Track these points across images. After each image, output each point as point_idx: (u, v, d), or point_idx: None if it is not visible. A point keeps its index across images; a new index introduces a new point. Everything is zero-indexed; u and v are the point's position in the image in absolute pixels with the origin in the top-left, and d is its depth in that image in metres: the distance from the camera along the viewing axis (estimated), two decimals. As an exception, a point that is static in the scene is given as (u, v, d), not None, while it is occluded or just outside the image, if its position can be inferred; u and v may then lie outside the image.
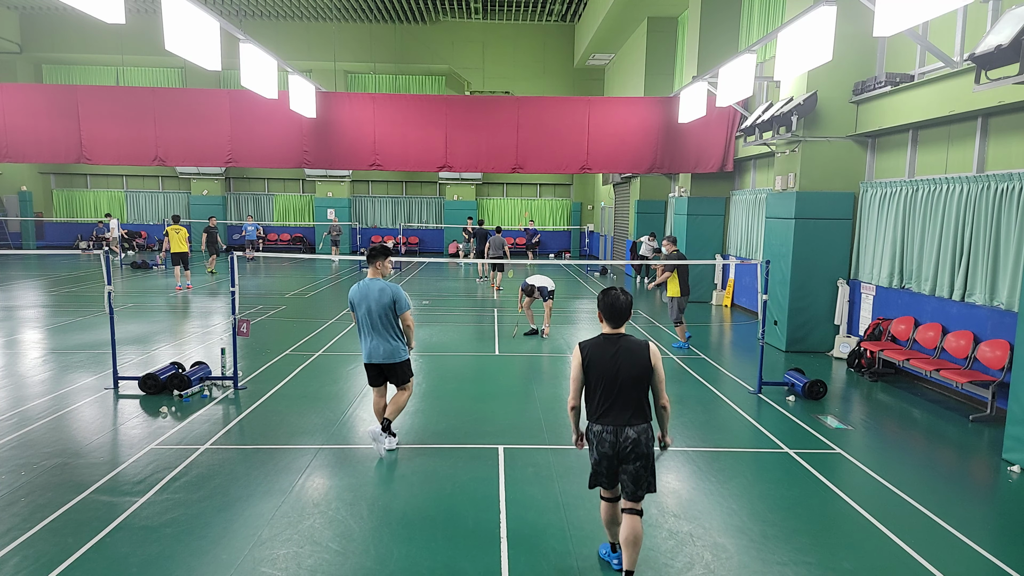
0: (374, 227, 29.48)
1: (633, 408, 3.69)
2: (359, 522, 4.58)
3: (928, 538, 4.49)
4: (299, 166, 13.74)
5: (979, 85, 6.08)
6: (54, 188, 28.93)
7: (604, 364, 3.68)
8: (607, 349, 3.70)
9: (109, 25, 21.65)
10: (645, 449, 3.71)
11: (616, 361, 3.67)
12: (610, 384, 3.67)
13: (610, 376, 3.66)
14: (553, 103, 13.76)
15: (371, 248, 5.69)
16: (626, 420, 3.68)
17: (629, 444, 3.67)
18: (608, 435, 3.69)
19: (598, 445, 3.73)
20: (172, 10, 7.83)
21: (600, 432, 3.72)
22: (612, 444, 3.69)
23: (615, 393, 3.67)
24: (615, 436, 3.68)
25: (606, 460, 3.74)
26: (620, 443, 3.67)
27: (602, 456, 3.74)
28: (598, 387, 3.70)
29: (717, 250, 15.23)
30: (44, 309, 12.95)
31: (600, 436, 3.72)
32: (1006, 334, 7.05)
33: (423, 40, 25.83)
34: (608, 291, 3.78)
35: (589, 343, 3.76)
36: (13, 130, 12.95)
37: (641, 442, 3.68)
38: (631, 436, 3.67)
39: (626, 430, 3.67)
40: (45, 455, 5.63)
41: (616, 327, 3.76)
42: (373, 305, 5.54)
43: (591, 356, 3.71)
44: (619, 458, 3.72)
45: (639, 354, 3.69)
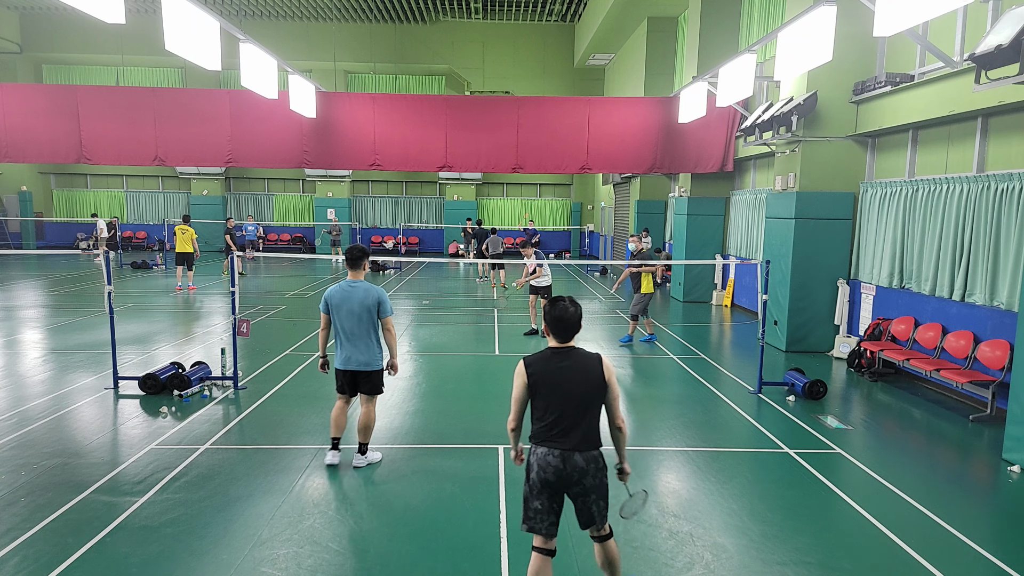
0: (374, 227, 29.48)
1: (583, 431, 3.30)
2: (359, 522, 4.58)
3: (928, 538, 4.49)
4: (299, 166, 13.74)
5: (979, 85, 6.08)
6: (54, 188, 28.93)
7: (552, 381, 3.30)
8: (555, 364, 3.32)
9: (109, 25, 21.64)
10: (594, 480, 3.32)
11: (565, 377, 3.30)
12: (558, 403, 3.28)
13: (558, 394, 3.29)
14: (553, 103, 13.76)
15: (353, 249, 5.38)
16: (575, 444, 3.28)
17: (576, 473, 3.27)
18: (554, 459, 3.27)
19: (540, 470, 3.29)
20: (172, 10, 7.83)
21: (545, 455, 3.28)
22: (557, 471, 3.27)
23: (564, 413, 3.28)
24: (561, 462, 3.27)
25: (548, 490, 3.30)
26: (566, 471, 3.27)
27: (544, 485, 3.29)
28: (545, 406, 3.31)
29: (717, 250, 15.23)
30: (44, 309, 12.95)
31: (544, 460, 3.28)
32: (1006, 334, 7.05)
33: (423, 40, 25.83)
34: (556, 301, 3.41)
35: (535, 358, 3.37)
36: (13, 130, 12.95)
37: (589, 472, 3.30)
38: (579, 464, 3.27)
39: (574, 457, 3.27)
40: (45, 455, 5.63)
41: (564, 341, 3.39)
42: (356, 307, 5.23)
43: (537, 372, 3.32)
44: (564, 488, 3.32)
45: (591, 369, 3.32)
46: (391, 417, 6.82)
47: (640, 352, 10.08)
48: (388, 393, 7.63)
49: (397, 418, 6.79)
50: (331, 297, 5.29)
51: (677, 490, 5.25)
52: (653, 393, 7.89)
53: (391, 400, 7.39)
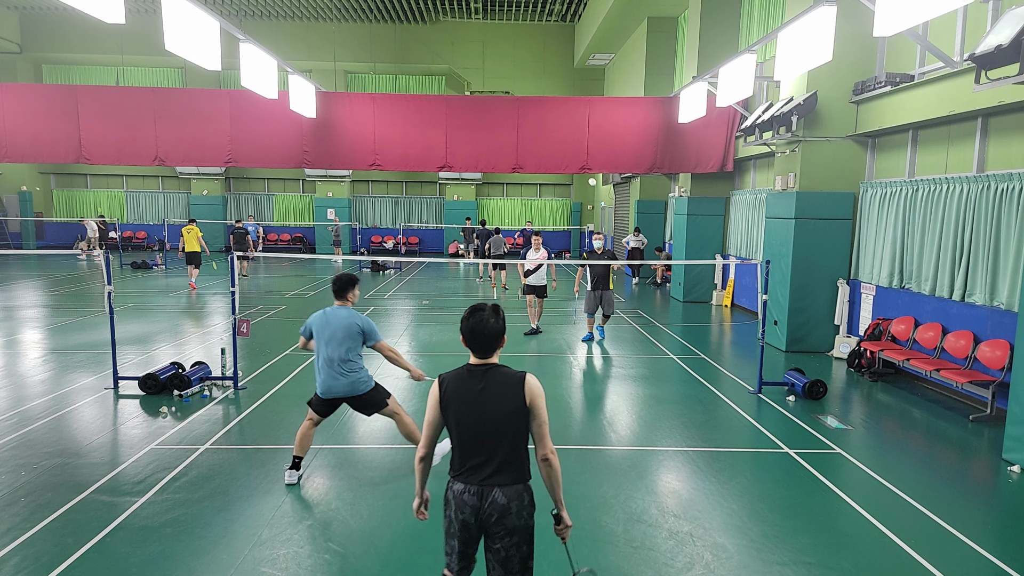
0: (374, 227, 29.48)
1: (500, 463, 2.82)
2: (359, 522, 4.58)
3: (928, 538, 4.49)
4: (299, 166, 13.74)
5: (979, 85, 6.08)
6: (54, 188, 28.93)
7: (467, 403, 2.84)
8: (471, 384, 2.86)
9: (109, 25, 21.65)
10: (517, 520, 2.83)
11: (482, 399, 2.83)
12: (474, 429, 2.83)
13: (474, 419, 2.83)
14: (553, 103, 13.75)
15: (340, 279, 5.15)
16: (493, 479, 2.81)
17: (496, 512, 2.80)
18: (471, 498, 2.82)
19: (457, 509, 2.85)
20: (172, 10, 7.83)
21: (461, 493, 2.84)
22: (474, 510, 2.82)
23: (479, 442, 2.83)
24: (479, 499, 2.81)
25: (465, 532, 2.86)
26: (485, 510, 2.81)
27: (461, 526, 2.85)
28: (459, 433, 2.86)
29: (717, 250, 15.23)
30: (44, 309, 12.95)
31: (460, 499, 2.84)
32: (1006, 334, 7.05)
33: (423, 40, 25.83)
34: (475, 310, 2.94)
35: (449, 376, 2.93)
36: (13, 130, 12.94)
37: (511, 511, 2.81)
38: (499, 501, 2.80)
39: (493, 492, 2.80)
40: (45, 455, 5.63)
41: (483, 357, 2.92)
42: (339, 333, 5.00)
43: (451, 392, 2.87)
44: (482, 530, 2.87)
45: (511, 390, 2.83)
46: (391, 417, 6.81)
47: (640, 352, 10.08)
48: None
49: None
50: (312, 322, 5.12)
51: (677, 490, 5.25)
52: (653, 393, 7.89)
53: (391, 400, 7.39)
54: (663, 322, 12.66)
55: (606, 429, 6.61)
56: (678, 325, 12.46)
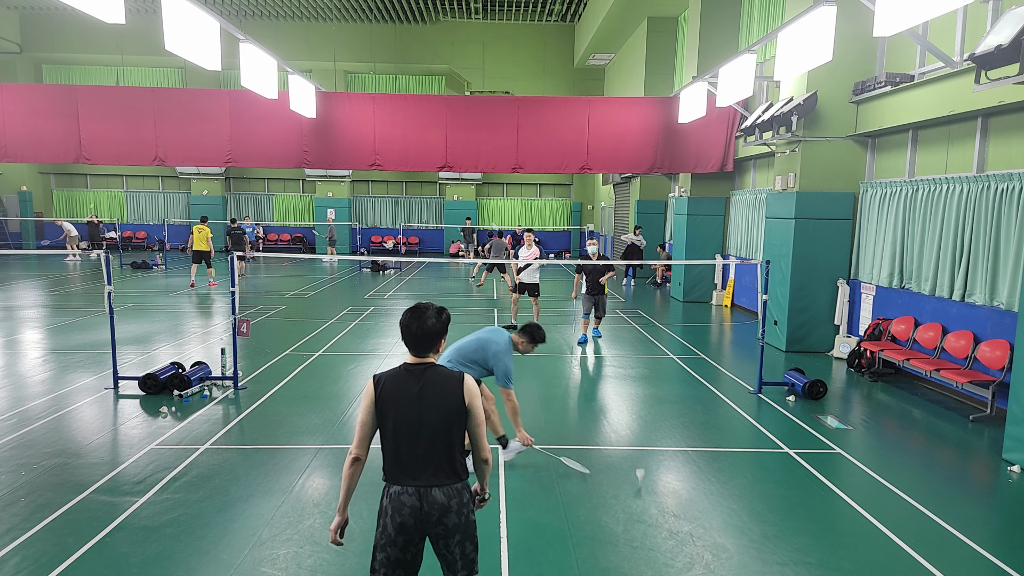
0: (374, 227, 29.48)
1: (439, 462, 2.80)
2: (359, 522, 4.58)
3: (928, 538, 4.49)
4: (299, 166, 13.74)
5: (979, 85, 6.08)
6: (54, 188, 28.93)
7: (403, 403, 2.79)
8: (408, 384, 2.81)
9: (109, 25, 21.61)
10: (458, 518, 2.81)
11: (419, 400, 2.79)
12: (411, 430, 2.79)
13: (411, 419, 2.79)
14: (553, 103, 13.75)
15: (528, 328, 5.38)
16: (431, 479, 2.78)
17: (436, 512, 2.77)
18: (409, 499, 2.77)
19: (395, 513, 2.78)
20: (172, 10, 7.83)
21: (399, 495, 2.78)
22: (414, 511, 2.77)
23: (417, 442, 2.79)
24: (419, 500, 2.77)
25: (403, 536, 2.78)
26: (425, 510, 2.77)
27: (399, 530, 2.77)
28: (395, 434, 2.80)
29: (717, 250, 15.23)
30: (44, 309, 12.95)
31: (398, 500, 2.78)
32: (1006, 334, 7.05)
33: (423, 40, 25.83)
34: (415, 308, 2.87)
35: (385, 375, 2.85)
36: (13, 130, 12.95)
37: (452, 509, 2.79)
38: (439, 501, 2.78)
39: (432, 492, 2.78)
40: (45, 455, 5.63)
41: (420, 355, 2.86)
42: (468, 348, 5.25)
43: (385, 392, 2.80)
44: (423, 531, 2.82)
45: (449, 390, 2.81)
46: (391, 417, 6.81)
47: (640, 352, 10.08)
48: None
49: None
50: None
51: (677, 490, 5.24)
52: (653, 393, 7.89)
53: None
54: (663, 322, 12.66)
55: (606, 429, 6.61)
56: (678, 325, 12.46)
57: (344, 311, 13.29)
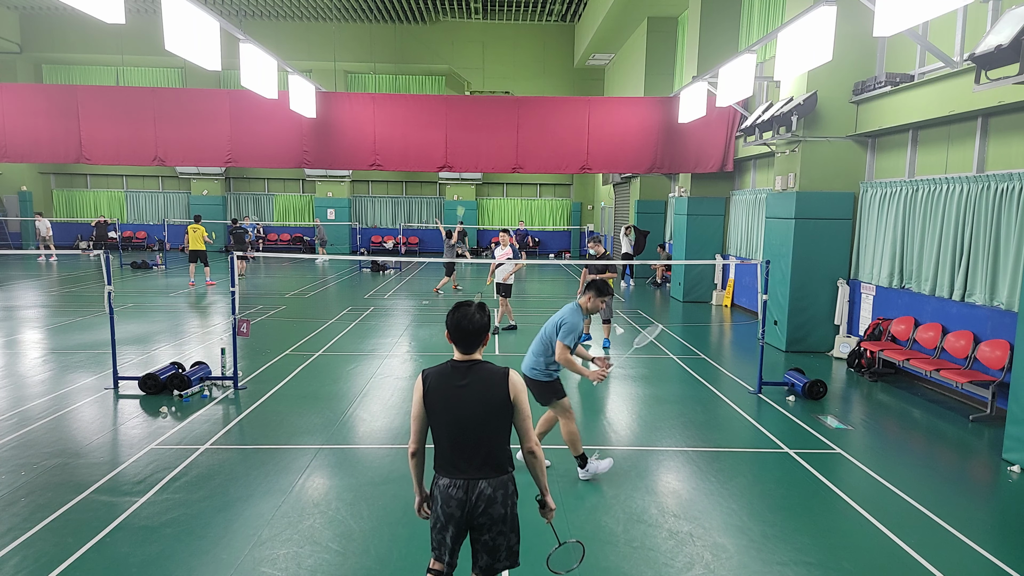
0: (374, 227, 29.48)
1: (486, 455, 2.91)
2: (359, 522, 4.58)
3: (928, 538, 4.49)
4: (299, 166, 13.74)
5: (979, 85, 6.08)
6: (54, 188, 28.93)
7: (450, 398, 2.90)
8: (454, 379, 2.91)
9: (109, 25, 21.64)
10: (503, 509, 2.92)
11: (465, 394, 2.89)
12: (457, 424, 2.90)
13: (457, 414, 2.89)
14: (553, 103, 13.75)
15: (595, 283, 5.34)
16: (478, 472, 2.90)
17: (482, 503, 2.89)
18: (457, 491, 2.90)
19: (443, 504, 2.93)
20: (172, 10, 7.83)
21: (447, 488, 2.92)
22: (461, 503, 2.90)
23: (464, 436, 2.90)
24: (465, 492, 2.90)
25: (453, 524, 2.93)
26: (471, 502, 2.90)
27: (449, 519, 2.93)
28: (443, 428, 2.92)
29: (717, 250, 15.23)
30: (44, 309, 12.95)
31: (447, 493, 2.92)
32: (1006, 334, 7.05)
33: (423, 40, 25.83)
34: (460, 306, 2.98)
35: (433, 371, 2.98)
36: (13, 130, 12.95)
37: (497, 500, 2.90)
38: (485, 492, 2.89)
39: (479, 484, 2.89)
40: (45, 455, 5.63)
41: (467, 352, 2.96)
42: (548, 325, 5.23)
43: (433, 387, 2.92)
44: (470, 522, 2.94)
45: (494, 385, 2.90)
46: (391, 417, 6.82)
47: (640, 352, 10.08)
48: (388, 393, 7.65)
49: (397, 418, 6.79)
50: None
51: (677, 490, 5.24)
52: (653, 393, 7.89)
53: (391, 400, 7.40)
54: (663, 322, 12.66)
55: (606, 429, 6.61)
56: (678, 325, 12.46)
57: (344, 311, 13.29)
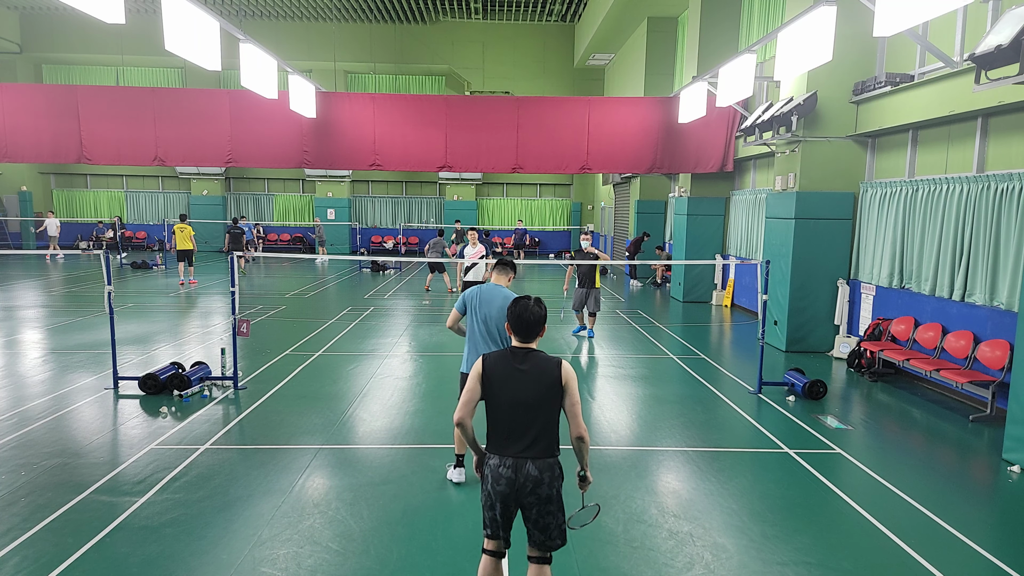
0: (374, 227, 29.48)
1: (535, 437, 3.12)
2: (359, 522, 4.58)
3: (928, 538, 4.49)
4: (299, 166, 13.74)
5: (979, 85, 6.08)
6: (54, 188, 28.93)
7: (506, 381, 3.15)
8: (512, 363, 3.18)
9: (109, 25, 21.62)
10: (550, 490, 3.13)
11: (520, 378, 3.15)
12: (510, 406, 3.13)
13: (515, 394, 3.13)
14: (553, 103, 13.76)
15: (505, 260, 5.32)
16: (527, 451, 3.11)
17: (530, 483, 3.09)
18: (506, 471, 3.11)
19: (494, 482, 3.13)
20: (172, 10, 7.83)
21: (497, 467, 3.13)
22: (510, 482, 3.10)
23: (516, 417, 3.13)
24: (514, 472, 3.10)
25: (501, 502, 3.14)
26: (519, 482, 3.10)
27: (498, 496, 3.13)
28: (497, 409, 3.17)
29: (717, 250, 15.23)
30: (44, 309, 12.95)
31: (496, 472, 3.13)
32: (1006, 334, 7.05)
33: (423, 40, 25.83)
34: (519, 300, 3.27)
35: (493, 355, 3.25)
36: (13, 130, 12.95)
37: (544, 481, 3.11)
38: (532, 474, 3.09)
39: (527, 465, 3.10)
40: (45, 455, 5.63)
41: (525, 341, 3.25)
42: (494, 312, 5.08)
43: (492, 370, 3.18)
44: (518, 501, 3.15)
45: (547, 372, 3.15)
46: (391, 417, 6.82)
47: (640, 352, 10.08)
48: (388, 393, 7.65)
49: (397, 418, 6.79)
50: (470, 298, 5.15)
51: (677, 490, 5.24)
52: (653, 393, 7.89)
53: (391, 400, 7.40)
54: (663, 322, 12.66)
55: (606, 429, 6.61)
56: (678, 325, 12.46)
57: (344, 311, 13.29)
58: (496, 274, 5.30)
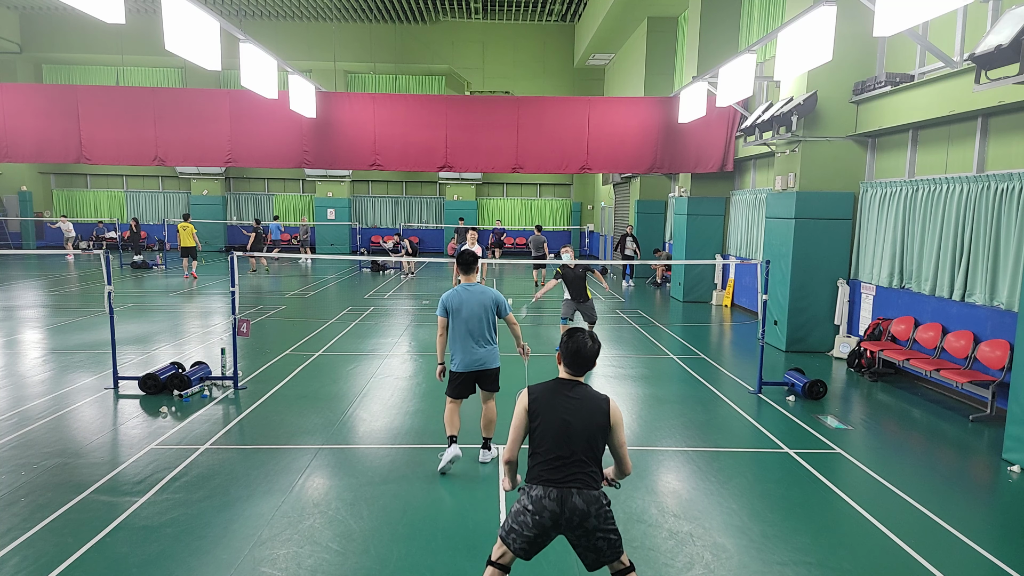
0: (374, 227, 29.48)
1: (580, 469, 3.06)
2: (359, 522, 4.58)
3: (928, 538, 4.49)
4: (299, 166, 13.74)
5: (979, 85, 6.08)
6: (54, 188, 28.93)
7: (554, 412, 3.09)
8: (560, 395, 3.13)
9: (109, 25, 21.63)
10: (597, 521, 3.05)
11: (569, 405, 3.10)
12: (558, 438, 3.07)
13: (556, 426, 3.07)
14: (553, 103, 13.76)
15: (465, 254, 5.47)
16: (573, 483, 3.03)
17: (577, 517, 3.02)
18: (550, 503, 3.02)
19: (535, 513, 3.03)
20: (172, 10, 7.83)
21: (540, 498, 3.03)
22: (553, 516, 3.02)
23: (562, 448, 3.06)
24: (559, 505, 3.01)
25: (537, 530, 3.06)
26: (564, 515, 3.02)
27: (540, 527, 3.05)
28: (544, 440, 3.09)
29: (717, 250, 15.23)
30: (44, 309, 12.95)
31: (539, 503, 3.03)
32: (1006, 334, 7.05)
33: (423, 40, 25.83)
34: (574, 333, 3.20)
35: (540, 387, 3.19)
36: (13, 130, 12.94)
37: (591, 514, 3.03)
38: (579, 507, 3.01)
39: (573, 498, 3.01)
40: (45, 455, 5.63)
41: (576, 375, 3.20)
42: (476, 308, 5.31)
43: (539, 401, 3.13)
44: (560, 532, 3.10)
45: (597, 407, 3.11)
46: (391, 417, 6.82)
47: (640, 352, 10.08)
48: (388, 393, 7.65)
49: (397, 418, 6.79)
50: (449, 301, 5.35)
51: (677, 490, 5.24)
52: (653, 393, 7.89)
53: (391, 400, 7.40)
54: (663, 322, 12.66)
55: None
56: (678, 325, 12.46)
57: (344, 311, 13.28)
58: (463, 275, 5.48)
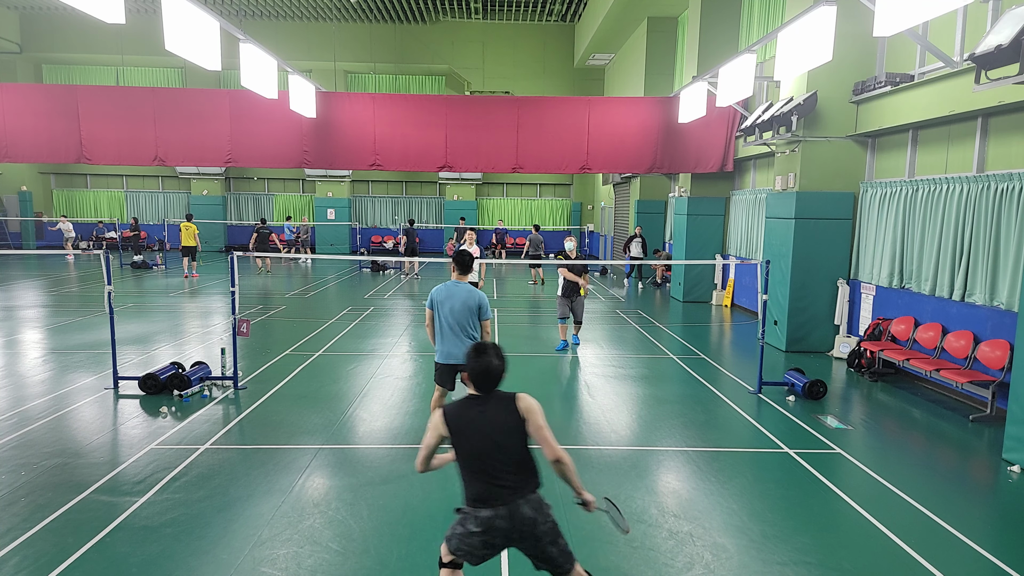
0: (374, 227, 29.48)
1: (518, 476, 3.00)
2: (359, 522, 4.58)
3: (928, 538, 4.49)
4: (299, 166, 13.74)
5: (979, 85, 6.08)
6: (54, 188, 28.92)
7: (475, 430, 3.01)
8: (474, 411, 3.05)
9: (109, 25, 21.65)
10: (544, 525, 3.02)
11: (485, 425, 3.02)
12: (484, 455, 2.99)
13: (482, 445, 3.00)
14: (553, 103, 13.76)
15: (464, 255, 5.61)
16: (515, 492, 2.98)
17: (526, 526, 2.98)
18: (501, 522, 2.96)
19: (484, 534, 2.99)
20: (172, 10, 7.83)
21: (491, 519, 2.96)
22: (506, 533, 2.99)
23: (493, 464, 2.99)
24: (509, 522, 2.96)
25: (488, 548, 3.05)
26: (516, 528, 2.98)
27: (488, 546, 3.03)
28: (471, 460, 3.02)
29: (717, 250, 15.23)
30: (44, 309, 12.95)
31: (491, 524, 2.97)
32: (1006, 334, 7.05)
33: (423, 40, 25.83)
34: (480, 351, 3.08)
35: (452, 407, 3.09)
36: (13, 130, 12.94)
37: (537, 521, 2.99)
38: (527, 515, 2.97)
39: (521, 509, 2.96)
40: (45, 455, 5.63)
41: (484, 393, 3.11)
42: (458, 305, 5.51)
43: (456, 424, 3.04)
44: (508, 545, 3.07)
45: (506, 408, 3.04)
46: (391, 417, 6.82)
47: (640, 352, 10.08)
48: (388, 393, 7.66)
49: (397, 418, 6.79)
50: (436, 295, 5.59)
51: (677, 490, 5.24)
52: (653, 393, 7.89)
53: (391, 400, 7.40)
54: (663, 322, 12.66)
55: (606, 429, 6.61)
56: (678, 325, 12.46)
57: (344, 311, 13.28)
58: (459, 274, 5.65)
